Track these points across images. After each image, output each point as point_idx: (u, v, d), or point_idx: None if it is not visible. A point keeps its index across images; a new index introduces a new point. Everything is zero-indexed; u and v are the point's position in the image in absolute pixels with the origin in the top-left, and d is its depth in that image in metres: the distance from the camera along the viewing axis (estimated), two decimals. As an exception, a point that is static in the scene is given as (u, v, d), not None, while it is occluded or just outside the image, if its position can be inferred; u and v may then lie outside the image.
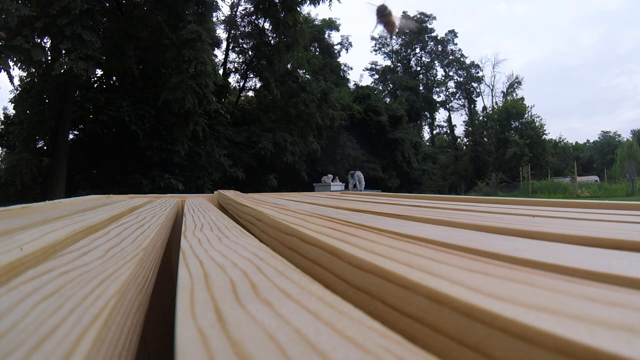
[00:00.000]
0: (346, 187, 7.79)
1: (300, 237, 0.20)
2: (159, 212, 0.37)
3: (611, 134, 49.51)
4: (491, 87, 35.87)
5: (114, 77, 9.90)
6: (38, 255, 0.18)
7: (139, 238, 0.21)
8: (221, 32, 14.60)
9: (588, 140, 51.03)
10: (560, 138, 36.91)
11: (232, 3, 14.22)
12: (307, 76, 16.96)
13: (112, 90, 9.70)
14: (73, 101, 8.60)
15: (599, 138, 50.76)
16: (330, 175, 8.95)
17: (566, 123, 68.64)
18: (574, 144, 44.20)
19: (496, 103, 34.71)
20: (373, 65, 35.57)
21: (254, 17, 14.23)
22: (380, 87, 33.44)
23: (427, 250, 0.17)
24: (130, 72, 8.79)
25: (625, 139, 41.91)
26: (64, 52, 7.55)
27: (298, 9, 13.32)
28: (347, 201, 0.49)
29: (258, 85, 16.09)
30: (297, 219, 0.27)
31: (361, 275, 0.16)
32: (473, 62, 35.91)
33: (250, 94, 17.31)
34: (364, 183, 6.98)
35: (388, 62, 35.96)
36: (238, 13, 14.44)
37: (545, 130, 29.64)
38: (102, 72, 9.61)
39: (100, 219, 0.29)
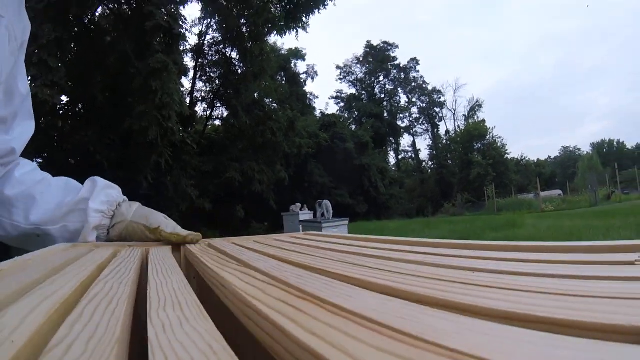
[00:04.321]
0: (314, 216, 7.80)
1: (257, 311, 0.23)
2: (125, 274, 0.39)
3: (571, 149, 52.19)
4: (453, 111, 37.40)
5: (80, 105, 9.67)
6: (29, 350, 0.18)
7: (111, 322, 0.23)
8: (188, 61, 14.62)
9: (549, 157, 53.32)
10: (522, 156, 38.38)
11: (200, 32, 14.33)
12: (274, 105, 17.13)
13: (78, 117, 9.46)
14: (38, 129, 8.30)
15: (559, 153, 53.36)
16: (299, 204, 8.94)
17: (527, 141, 72.22)
18: (535, 160, 45.68)
19: (458, 126, 36.15)
20: (338, 94, 36.40)
21: (221, 47, 14.36)
22: (346, 115, 34.15)
23: (361, 331, 0.18)
24: (96, 99, 8.62)
25: (585, 152, 44.38)
26: (29, 78, 7.36)
27: (265, 39, 13.56)
28: (306, 254, 0.52)
29: (225, 114, 16.09)
30: (256, 288, 0.29)
31: (305, 355, 0.17)
32: (435, 88, 37.52)
33: (217, 122, 17.26)
34: (331, 211, 7.01)
35: (353, 90, 36.93)
36: (206, 42, 14.54)
37: (507, 150, 30.96)
38: (67, 99, 9.35)
39: (71, 289, 0.31)
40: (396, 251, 0.54)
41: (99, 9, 9.69)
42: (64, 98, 9.06)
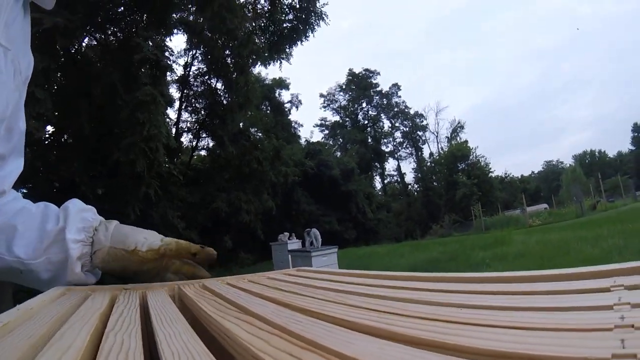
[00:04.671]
0: (303, 245, 7.76)
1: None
2: (131, 325, 0.40)
3: (554, 162, 53.01)
4: (436, 134, 38.10)
5: (66, 135, 9.58)
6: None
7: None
8: (174, 92, 14.72)
9: (533, 172, 53.92)
10: (506, 173, 38.87)
11: (186, 63, 14.50)
12: (260, 134, 17.25)
13: (64, 148, 9.35)
14: (24, 159, 8.16)
15: (543, 168, 54.21)
16: (287, 233, 8.91)
17: (511, 158, 73.26)
18: (520, 176, 46.28)
19: (442, 148, 36.78)
20: (323, 121, 36.93)
21: (206, 77, 14.51)
22: (331, 142, 34.57)
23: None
24: (83, 130, 8.55)
25: (568, 165, 45.17)
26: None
27: (250, 69, 13.77)
28: (303, 295, 0.54)
29: (211, 144, 16.11)
30: (261, 339, 0.31)
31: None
32: (417, 111, 38.34)
33: (203, 153, 17.26)
34: (320, 240, 7.00)
35: (337, 118, 37.51)
36: (191, 73, 14.70)
37: (491, 168, 31.42)
38: (53, 129, 9.26)
39: (83, 344, 0.32)
40: (387, 287, 0.56)
41: (86, 40, 9.78)
42: (50, 128, 8.97)
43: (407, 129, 38.00)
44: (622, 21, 69.72)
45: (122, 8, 9.21)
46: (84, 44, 9.81)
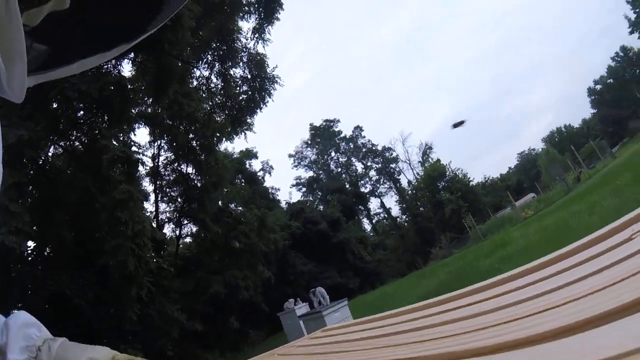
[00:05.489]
0: (311, 307, 7.53)
1: None
2: None
3: (526, 152, 54.10)
4: (408, 162, 38.88)
5: (48, 249, 9.30)
6: None
7: None
8: (147, 185, 14.67)
9: (510, 167, 54.58)
10: (485, 177, 39.20)
11: (153, 155, 14.59)
12: (240, 208, 17.19)
13: (48, 261, 9.04)
14: (10, 279, 7.85)
15: (517, 161, 55.19)
16: (292, 300, 8.65)
17: (485, 162, 74.62)
18: (499, 176, 46.42)
19: (417, 173, 37.37)
20: (298, 180, 37.30)
21: (176, 165, 14.60)
22: (311, 198, 34.73)
23: None
24: (64, 240, 8.32)
25: (540, 150, 46.14)
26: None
27: (217, 147, 13.96)
28: (346, 351, 0.53)
29: (194, 229, 15.89)
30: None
31: None
32: (384, 146, 39.28)
33: (188, 240, 16.96)
34: (327, 297, 6.84)
35: (310, 173, 37.98)
36: (160, 163, 14.76)
37: (470, 178, 31.81)
38: (34, 244, 8.99)
39: None
40: (409, 321, 0.54)
41: (51, 149, 9.78)
42: (31, 243, 8.72)
43: (380, 165, 38.81)
44: (542, 5, 75.39)
45: (82, 112, 9.35)
46: (49, 154, 9.83)
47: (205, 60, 12.53)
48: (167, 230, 15.89)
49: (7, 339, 0.69)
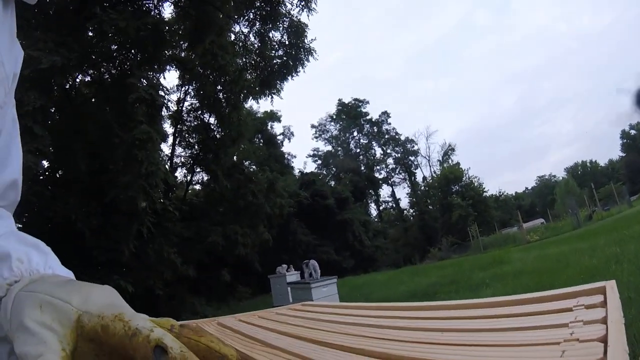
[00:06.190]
0: (302, 276, 7.73)
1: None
2: None
3: (547, 177, 53.12)
4: (427, 158, 38.38)
5: (60, 172, 9.56)
6: None
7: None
8: (168, 127, 14.87)
9: (527, 188, 53.92)
10: (500, 191, 38.54)
11: (179, 99, 14.71)
12: (253, 167, 17.35)
13: (58, 184, 9.32)
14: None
15: (536, 183, 54.27)
16: (285, 266, 8.88)
17: (503, 177, 73.90)
18: (514, 194, 46.02)
19: (434, 172, 36.96)
20: (315, 152, 37.24)
21: (199, 113, 14.70)
22: (324, 172, 34.76)
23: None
24: (78, 167, 8.52)
25: (560, 178, 45.30)
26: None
27: (242, 105, 13.98)
28: (316, 330, 0.60)
29: (205, 178, 16.14)
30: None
31: None
32: (408, 137, 38.72)
33: (198, 187, 17.27)
34: (319, 271, 7.00)
35: (329, 147, 37.83)
36: (184, 109, 14.89)
37: (484, 188, 31.38)
38: (48, 165, 9.23)
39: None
40: (383, 318, 0.62)
41: (79, 77, 9.90)
42: (45, 163, 8.96)
43: (399, 155, 38.41)
44: (596, 37, 72.38)
45: (115, 46, 9.40)
46: (77, 80, 9.95)
47: (246, 17, 12.37)
48: (179, 174, 16.18)
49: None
